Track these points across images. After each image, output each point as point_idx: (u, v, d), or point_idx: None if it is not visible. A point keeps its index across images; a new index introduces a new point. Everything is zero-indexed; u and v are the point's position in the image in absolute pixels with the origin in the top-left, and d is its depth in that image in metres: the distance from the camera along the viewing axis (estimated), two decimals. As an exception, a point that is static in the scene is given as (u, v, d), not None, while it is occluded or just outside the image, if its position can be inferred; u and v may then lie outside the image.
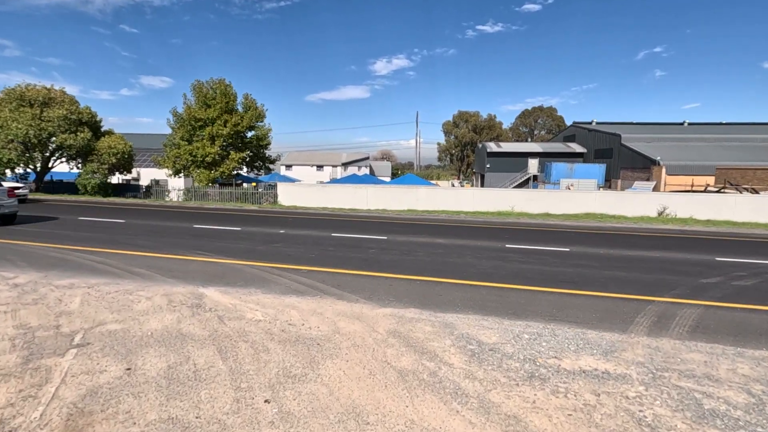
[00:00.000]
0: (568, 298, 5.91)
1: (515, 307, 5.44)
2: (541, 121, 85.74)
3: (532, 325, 4.78)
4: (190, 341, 4.09)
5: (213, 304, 5.26)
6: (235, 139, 26.31)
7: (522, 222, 16.02)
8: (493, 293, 6.04)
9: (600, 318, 5.10)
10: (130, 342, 4.06)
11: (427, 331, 4.50)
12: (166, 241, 9.60)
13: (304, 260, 7.90)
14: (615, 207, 19.19)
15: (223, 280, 6.45)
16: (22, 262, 7.30)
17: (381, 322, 4.72)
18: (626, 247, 10.41)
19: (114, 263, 7.37)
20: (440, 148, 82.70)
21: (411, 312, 5.13)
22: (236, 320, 4.71)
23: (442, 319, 4.87)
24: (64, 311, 4.96)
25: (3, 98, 23.06)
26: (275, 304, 5.31)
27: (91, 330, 4.37)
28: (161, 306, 5.16)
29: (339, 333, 4.39)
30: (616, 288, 6.46)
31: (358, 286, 6.26)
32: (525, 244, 10.40)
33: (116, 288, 5.89)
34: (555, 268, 7.78)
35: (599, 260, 8.59)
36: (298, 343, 4.11)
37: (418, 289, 6.17)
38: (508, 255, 8.84)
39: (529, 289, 6.30)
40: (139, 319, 4.73)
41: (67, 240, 9.46)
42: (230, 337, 4.22)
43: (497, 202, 20.19)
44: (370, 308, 5.25)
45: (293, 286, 6.21)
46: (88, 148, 24.74)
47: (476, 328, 4.62)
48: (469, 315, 5.07)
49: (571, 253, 9.37)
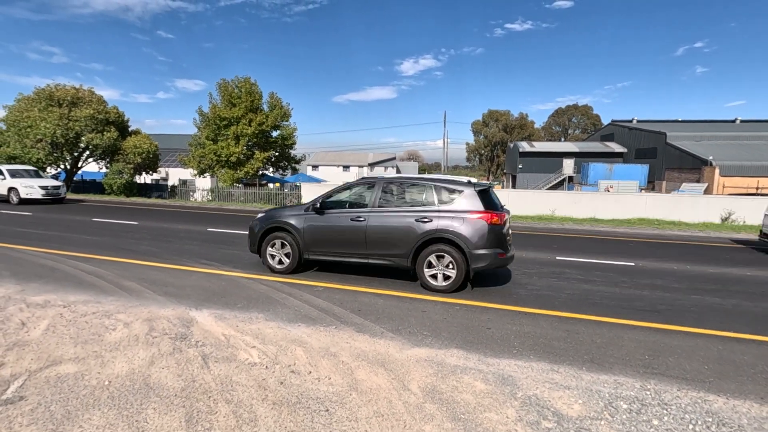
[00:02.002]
0: (658, 336, 4.50)
1: (592, 350, 4.08)
2: (575, 119, 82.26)
3: (624, 382, 3.43)
4: (154, 400, 2.99)
5: (201, 336, 4.18)
6: (260, 138, 25.66)
7: (568, 228, 14.39)
8: (557, 327, 4.69)
9: (717, 372, 3.68)
10: (76, 398, 3.00)
11: (478, 390, 3.23)
12: (171, 248, 8.69)
13: (320, 275, 6.75)
14: (670, 211, 17.21)
15: (221, 299, 5.38)
16: (6, 271, 6.49)
17: (414, 373, 3.49)
18: (704, 261, 8.75)
19: (105, 274, 6.46)
20: (469, 148, 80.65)
21: (453, 355, 3.88)
22: (224, 363, 3.59)
23: (496, 369, 3.59)
24: (20, 341, 3.99)
25: (33, 98, 23.22)
26: (278, 338, 4.17)
27: (37, 374, 3.35)
28: (138, 337, 4.12)
29: (357, 390, 3.19)
30: (717, 321, 4.98)
31: (383, 312, 5.05)
32: (579, 256, 8.91)
33: (94, 309, 4.91)
34: (625, 289, 6.32)
35: (677, 279, 7.05)
36: (298, 407, 2.93)
37: (458, 318, 4.90)
38: (563, 271, 7.41)
39: (603, 320, 4.91)
40: (103, 356, 3.69)
41: (67, 244, 8.70)
42: (209, 393, 3.10)
43: (536, 205, 18.55)
44: (398, 347, 4.02)
45: (304, 309, 5.07)
46: (114, 148, 24.65)
47: (547, 386, 3.32)
48: (533, 362, 3.77)
49: (639, 268, 7.83)
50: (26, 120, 22.44)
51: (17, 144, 22.69)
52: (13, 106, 23.49)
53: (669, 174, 38.69)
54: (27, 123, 22.39)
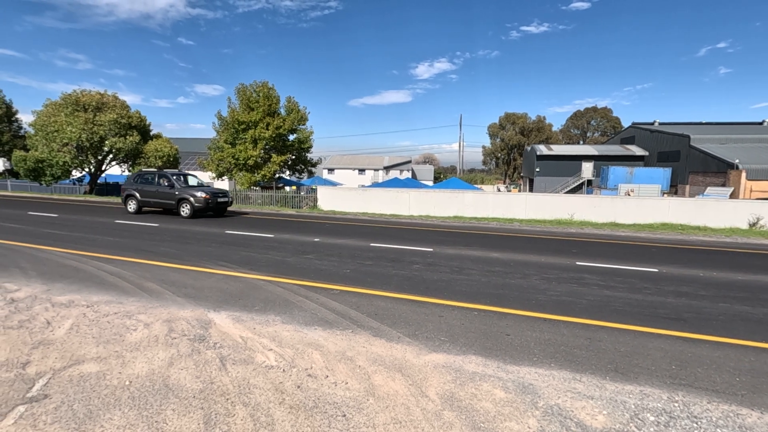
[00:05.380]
0: (685, 345, 4.34)
1: (616, 358, 3.96)
2: (594, 122, 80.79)
3: (650, 393, 3.31)
4: (173, 401, 3.01)
5: (219, 338, 4.21)
6: (277, 141, 25.94)
7: (587, 233, 14.09)
8: (578, 334, 4.57)
9: (749, 384, 3.52)
10: (98, 397, 3.04)
11: (498, 398, 3.16)
12: (190, 250, 8.82)
13: (336, 277, 6.76)
14: (694, 216, 16.70)
15: (239, 302, 5.42)
16: (33, 271, 6.68)
17: (432, 379, 3.44)
18: (732, 268, 8.45)
19: (127, 275, 6.59)
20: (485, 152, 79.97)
21: (471, 362, 3.81)
22: (242, 365, 3.61)
23: (516, 377, 3.51)
24: (45, 340, 4.09)
25: (60, 103, 23.99)
26: (295, 341, 4.17)
27: (60, 372, 3.42)
28: (158, 337, 4.17)
29: (374, 395, 3.16)
30: (747, 331, 4.78)
31: (400, 317, 5.01)
32: (600, 261, 8.71)
33: (116, 309, 5.01)
34: (649, 296, 6.14)
35: (704, 286, 6.81)
36: (315, 412, 2.91)
37: (476, 324, 4.82)
38: (584, 276, 7.25)
39: (627, 328, 4.77)
40: (124, 356, 3.74)
41: (91, 245, 8.92)
42: (227, 395, 3.11)
43: (554, 209, 18.24)
44: (415, 353, 3.98)
45: (320, 313, 5.06)
46: (136, 151, 25.27)
47: (569, 395, 3.23)
48: (554, 371, 3.67)
49: (662, 275, 7.60)
50: (53, 124, 23.20)
51: (45, 147, 23.46)
52: (42, 111, 24.31)
53: (693, 178, 37.62)
54: (54, 127, 23.15)
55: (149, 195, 15.85)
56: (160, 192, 15.63)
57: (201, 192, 15.01)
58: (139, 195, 15.90)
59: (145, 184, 16.05)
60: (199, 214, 15.06)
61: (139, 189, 15.96)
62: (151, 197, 15.81)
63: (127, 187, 16.35)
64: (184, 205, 15.10)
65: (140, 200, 15.89)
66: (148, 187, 15.91)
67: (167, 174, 16.06)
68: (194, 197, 14.87)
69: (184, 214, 15.00)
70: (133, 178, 16.49)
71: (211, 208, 15.25)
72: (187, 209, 15.00)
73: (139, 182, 16.20)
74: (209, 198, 14.97)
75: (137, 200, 15.94)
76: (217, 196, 15.49)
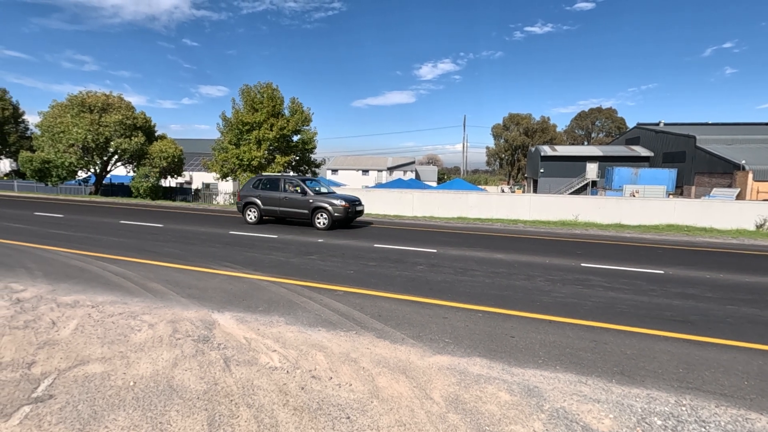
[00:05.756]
0: (692, 348, 4.29)
1: (622, 361, 3.92)
2: (599, 123, 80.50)
3: (657, 397, 3.27)
4: (177, 402, 3.01)
5: (223, 338, 4.21)
6: (281, 142, 26.01)
7: (592, 234, 14.02)
8: (583, 336, 4.53)
9: (758, 388, 3.47)
10: (102, 398, 3.05)
11: (503, 401, 3.14)
12: (194, 250, 8.85)
13: (340, 278, 6.75)
14: (700, 218, 16.58)
15: (243, 302, 5.43)
16: (39, 271, 6.72)
17: (436, 381, 3.42)
18: (739, 270, 8.37)
19: (132, 275, 6.61)
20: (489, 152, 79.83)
21: (476, 363, 3.79)
22: (246, 366, 3.60)
23: (521, 380, 3.49)
24: (51, 340, 4.10)
25: (66, 105, 24.16)
26: (299, 342, 4.16)
27: (65, 373, 3.43)
28: (162, 338, 4.18)
29: (378, 398, 3.14)
30: (756, 334, 4.73)
31: (404, 318, 4.99)
32: (605, 263, 8.65)
33: (121, 309, 5.03)
34: (655, 298, 6.09)
35: (711, 288, 6.75)
36: (319, 414, 2.90)
37: (481, 325, 4.80)
38: (589, 278, 7.20)
39: (632, 331, 4.73)
40: (129, 357, 3.75)
41: (96, 246, 8.97)
42: (231, 396, 3.10)
43: (559, 210, 18.16)
44: (419, 354, 3.96)
45: (324, 314, 5.05)
46: (141, 152, 25.41)
47: (575, 399, 3.20)
48: (559, 373, 3.64)
49: (669, 276, 7.54)
50: (59, 125, 23.38)
51: (51, 148, 23.63)
52: (48, 113, 24.52)
53: (699, 179, 37.37)
54: (60, 128, 23.33)
55: (274, 203, 13.69)
56: (289, 200, 13.49)
57: (339, 200, 12.99)
58: (261, 203, 13.78)
59: (269, 190, 13.91)
60: (337, 225, 13.18)
61: (261, 196, 13.84)
62: (276, 205, 13.66)
63: (247, 193, 14.16)
64: (320, 215, 12.97)
65: (262, 209, 13.78)
66: (273, 193, 13.77)
67: (297, 179, 14.17)
68: (332, 206, 12.82)
69: (320, 226, 12.90)
70: (253, 184, 14.29)
71: (350, 218, 13.39)
72: (324, 220, 12.87)
73: (261, 188, 14.05)
74: (349, 207, 12.99)
75: (258, 209, 13.81)
76: (355, 204, 13.52)
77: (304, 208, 13.29)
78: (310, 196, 13.28)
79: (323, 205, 12.95)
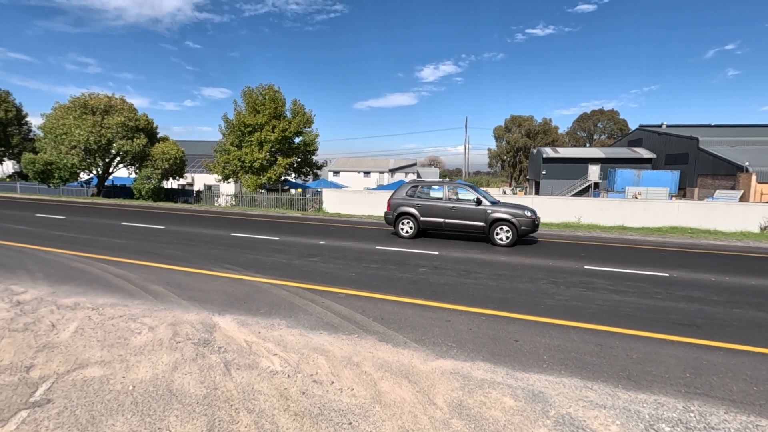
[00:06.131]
0: (699, 352, 4.23)
1: (628, 366, 3.86)
2: (601, 125, 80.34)
3: (664, 403, 3.21)
4: (177, 407, 2.96)
5: (224, 342, 4.17)
6: (283, 144, 26.04)
7: (595, 236, 13.94)
8: (588, 340, 4.47)
9: (767, 394, 3.41)
10: (101, 402, 3.00)
11: (507, 407, 3.08)
12: (196, 252, 8.82)
13: (342, 281, 6.71)
14: (704, 220, 16.47)
15: (244, 305, 5.39)
16: (40, 273, 6.70)
17: (439, 386, 3.36)
18: (744, 272, 8.29)
19: (133, 277, 6.58)
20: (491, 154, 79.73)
21: (479, 368, 3.73)
22: (246, 370, 3.56)
23: (526, 385, 3.43)
24: (50, 343, 4.07)
25: (69, 106, 24.23)
26: (300, 346, 4.11)
27: (64, 377, 3.39)
28: (162, 341, 4.14)
29: (380, 403, 3.09)
30: (762, 338, 4.66)
31: (407, 321, 4.94)
32: (609, 265, 8.58)
33: (122, 312, 4.99)
34: (660, 301, 6.02)
35: (716, 291, 6.68)
36: (320, 419, 2.85)
37: (484, 329, 4.74)
38: (593, 281, 7.13)
39: (638, 334, 4.66)
40: (128, 360, 3.71)
41: (98, 247, 8.95)
42: (231, 401, 3.06)
43: (561, 212, 18.08)
44: (422, 358, 3.91)
45: (326, 317, 5.01)
46: (143, 154, 25.44)
47: (581, 404, 3.14)
48: (564, 378, 3.58)
49: (673, 279, 7.47)
50: (62, 127, 23.44)
51: (53, 150, 23.69)
52: (51, 114, 24.59)
53: (702, 180, 37.22)
54: (63, 130, 23.38)
55: (437, 213, 11.50)
56: (458, 210, 11.31)
57: (522, 210, 10.99)
58: (420, 213, 11.64)
59: (429, 198, 11.81)
60: (520, 240, 11.20)
61: (420, 205, 11.71)
62: (441, 216, 11.46)
63: (400, 202, 12.01)
64: (501, 229, 10.81)
65: (421, 220, 11.64)
66: (435, 202, 11.64)
67: (465, 184, 12.31)
68: (517, 217, 10.76)
69: (501, 242, 10.75)
70: (407, 191, 12.20)
71: (535, 231, 11.27)
72: (506, 234, 10.76)
73: (418, 196, 11.94)
74: (536, 218, 11.10)
75: (416, 220, 11.65)
76: (537, 215, 11.36)
77: (479, 219, 11.06)
78: (487, 206, 11.09)
79: (505, 216, 10.79)
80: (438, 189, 11.96)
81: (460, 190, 11.79)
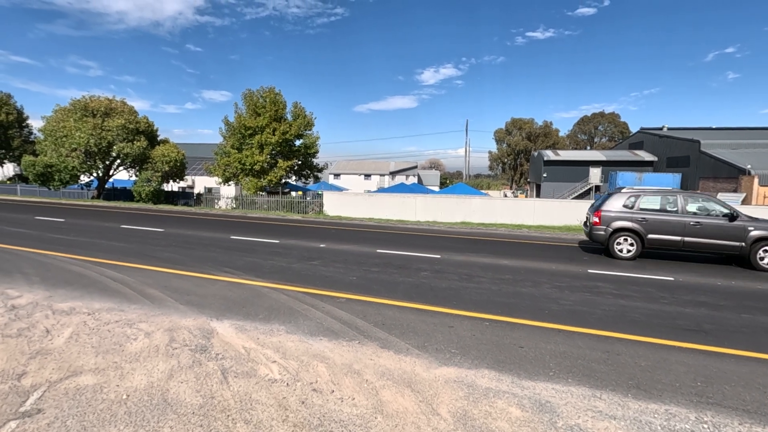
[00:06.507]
0: (709, 359, 4.12)
1: (637, 374, 3.75)
2: (602, 127, 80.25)
3: (676, 413, 3.10)
4: (171, 417, 2.86)
5: (222, 348, 4.06)
6: (284, 147, 25.96)
7: (597, 239, 13.81)
8: (595, 346, 4.37)
9: (782, 404, 3.30)
10: (93, 412, 2.90)
11: (514, 417, 2.97)
12: (195, 255, 8.72)
13: (342, 285, 6.60)
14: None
15: (243, 309, 5.28)
16: (36, 277, 6.60)
17: (443, 395, 3.26)
18: (751, 277, 8.17)
19: (131, 281, 6.48)
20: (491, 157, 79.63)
21: (484, 376, 3.62)
22: (244, 378, 3.45)
23: (532, 394, 3.32)
24: (44, 350, 3.97)
25: (69, 109, 24.19)
26: (300, 352, 4.01)
27: (56, 385, 3.29)
28: (158, 347, 4.04)
29: (382, 413, 2.99)
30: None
31: (408, 326, 4.83)
32: (613, 269, 8.47)
33: (118, 317, 4.89)
34: (666, 306, 5.91)
35: (723, 296, 6.56)
36: (320, 430, 2.75)
37: (488, 335, 4.64)
38: (597, 285, 7.03)
39: (645, 341, 4.56)
40: (123, 368, 3.61)
41: (96, 251, 8.85)
42: (228, 411, 2.95)
43: (563, 215, 17.98)
44: (425, 366, 3.80)
45: (326, 322, 4.90)
46: (143, 156, 25.38)
47: (589, 415, 3.03)
48: (572, 387, 3.47)
49: (679, 283, 7.36)
50: (63, 130, 23.40)
51: (54, 152, 23.64)
52: (51, 117, 24.55)
53: (703, 183, 37.09)
54: (63, 133, 23.34)
55: (671, 229, 9.46)
56: (703, 226, 9.26)
57: None
58: (645, 229, 9.62)
59: (656, 211, 9.70)
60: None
61: (645, 219, 9.65)
62: (678, 234, 9.41)
63: (616, 214, 9.90)
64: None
65: (647, 238, 9.61)
66: (667, 216, 9.56)
67: (704, 195, 9.81)
68: None
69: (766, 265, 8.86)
70: (624, 201, 9.94)
71: None
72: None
73: (641, 208, 9.81)
74: None
75: (640, 238, 9.65)
76: None
77: (735, 239, 9.05)
78: (745, 221, 9.10)
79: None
80: (671, 199, 9.75)
81: (703, 201, 9.64)
